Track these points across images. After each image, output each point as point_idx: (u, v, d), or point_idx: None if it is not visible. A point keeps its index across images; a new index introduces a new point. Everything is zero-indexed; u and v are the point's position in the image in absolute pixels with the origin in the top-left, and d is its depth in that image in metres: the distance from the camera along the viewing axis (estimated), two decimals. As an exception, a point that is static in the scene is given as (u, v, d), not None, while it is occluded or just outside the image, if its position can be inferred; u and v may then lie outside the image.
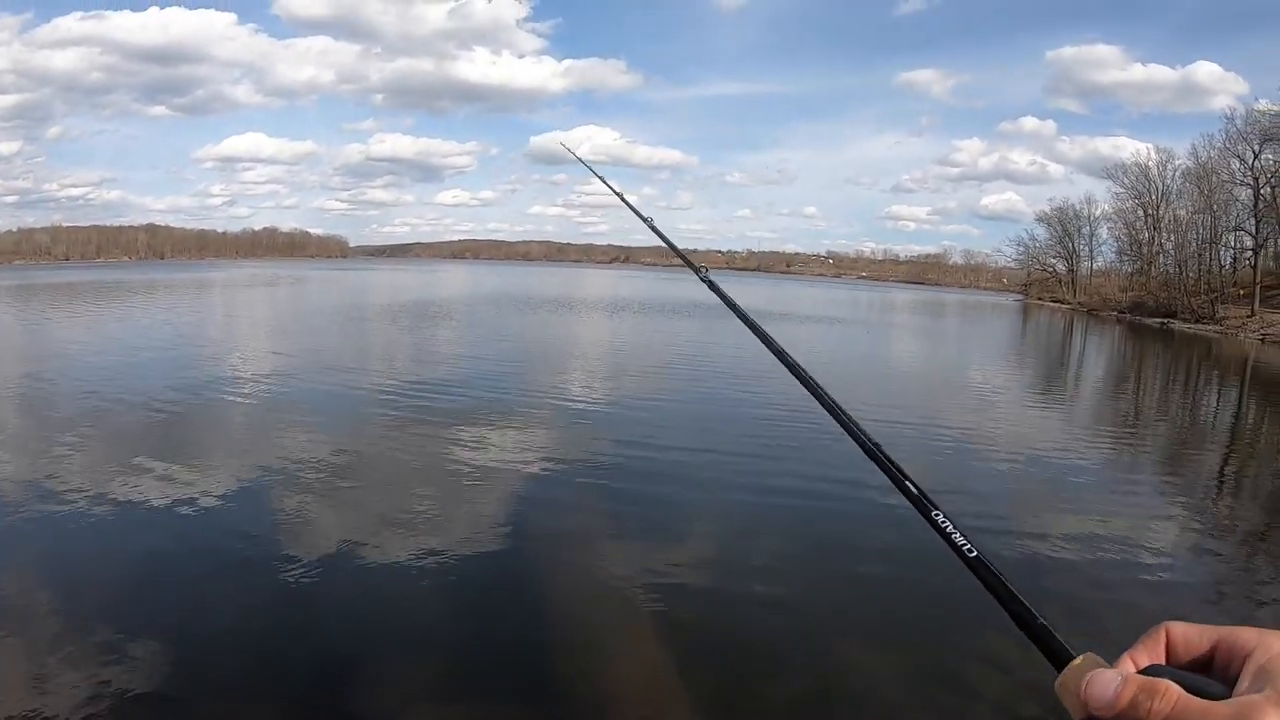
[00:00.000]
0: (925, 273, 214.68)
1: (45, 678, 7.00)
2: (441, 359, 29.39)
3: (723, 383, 23.98)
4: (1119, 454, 17.55)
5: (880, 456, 1.44)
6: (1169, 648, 0.95)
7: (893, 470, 1.40)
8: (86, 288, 76.55)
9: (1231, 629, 0.91)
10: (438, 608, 8.70)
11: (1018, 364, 37.01)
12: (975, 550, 1.19)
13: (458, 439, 15.63)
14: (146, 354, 28.46)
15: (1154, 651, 0.95)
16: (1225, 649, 0.90)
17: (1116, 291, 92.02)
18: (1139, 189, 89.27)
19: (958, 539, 1.22)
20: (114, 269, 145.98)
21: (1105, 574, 9.93)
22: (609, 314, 55.55)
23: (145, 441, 15.02)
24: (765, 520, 11.59)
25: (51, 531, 10.72)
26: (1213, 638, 0.92)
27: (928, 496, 1.31)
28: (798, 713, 6.87)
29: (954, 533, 1.24)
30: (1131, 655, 0.95)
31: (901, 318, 69.66)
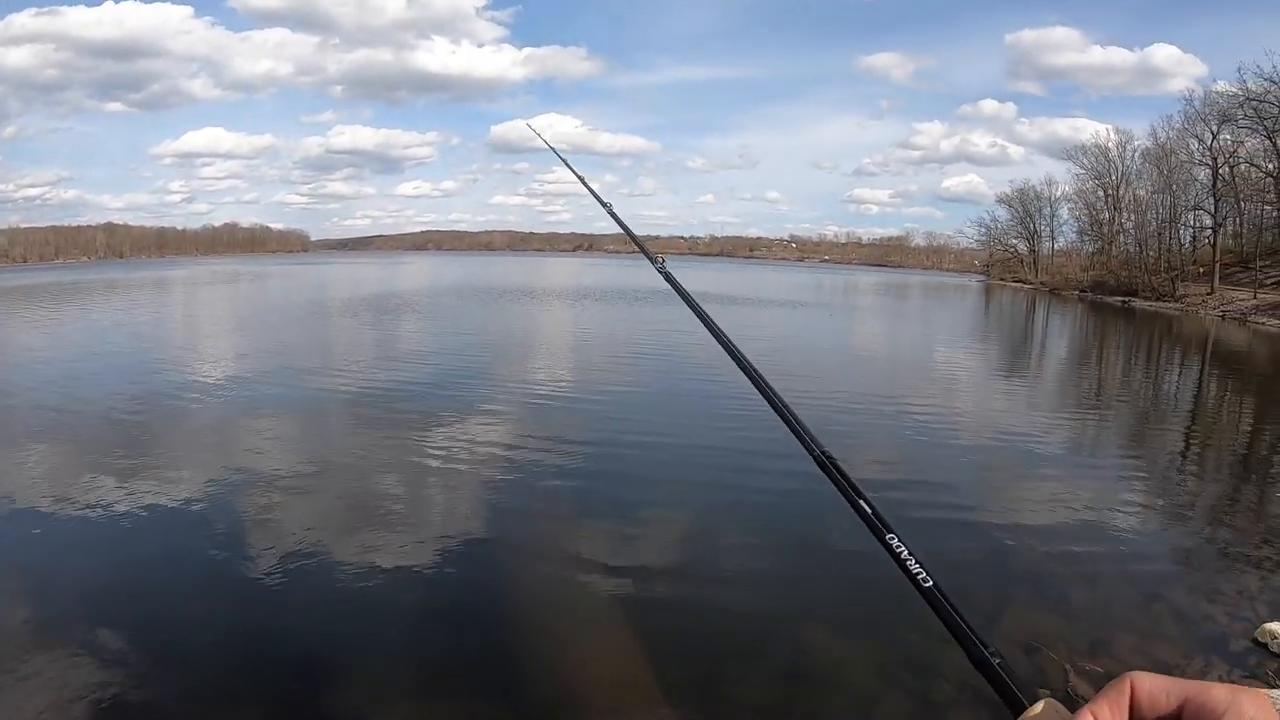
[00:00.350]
0: (888, 255, 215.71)
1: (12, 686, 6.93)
2: (404, 355, 29.13)
3: (689, 372, 23.91)
4: (1083, 432, 17.66)
5: (832, 469, 1.44)
6: (1134, 703, 0.89)
7: (845, 485, 1.39)
8: (43, 290, 75.65)
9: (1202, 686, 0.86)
10: (408, 606, 8.63)
11: (980, 344, 37.22)
12: (930, 579, 1.15)
13: (423, 437, 15.49)
14: (104, 358, 28.08)
15: (1117, 707, 0.89)
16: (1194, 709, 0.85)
17: (1078, 271, 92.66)
18: (1099, 170, 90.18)
19: (912, 566, 1.18)
20: (73, 270, 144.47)
21: (1071, 550, 10.03)
22: (572, 303, 55.38)
23: (106, 448, 14.80)
24: (734, 512, 11.59)
25: (15, 541, 10.60)
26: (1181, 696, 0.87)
27: (882, 516, 1.28)
28: (770, 703, 6.85)
29: (909, 558, 1.20)
30: (1093, 710, 0.89)
31: (865, 300, 70.02)
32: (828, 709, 6.74)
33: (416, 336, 35.02)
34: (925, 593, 1.15)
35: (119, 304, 56.80)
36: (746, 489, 12.38)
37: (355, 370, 24.57)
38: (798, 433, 1.53)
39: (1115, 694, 0.90)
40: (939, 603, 1.13)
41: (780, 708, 6.76)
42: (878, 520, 1.28)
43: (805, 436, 1.52)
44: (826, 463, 1.44)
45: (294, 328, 38.10)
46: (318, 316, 44.10)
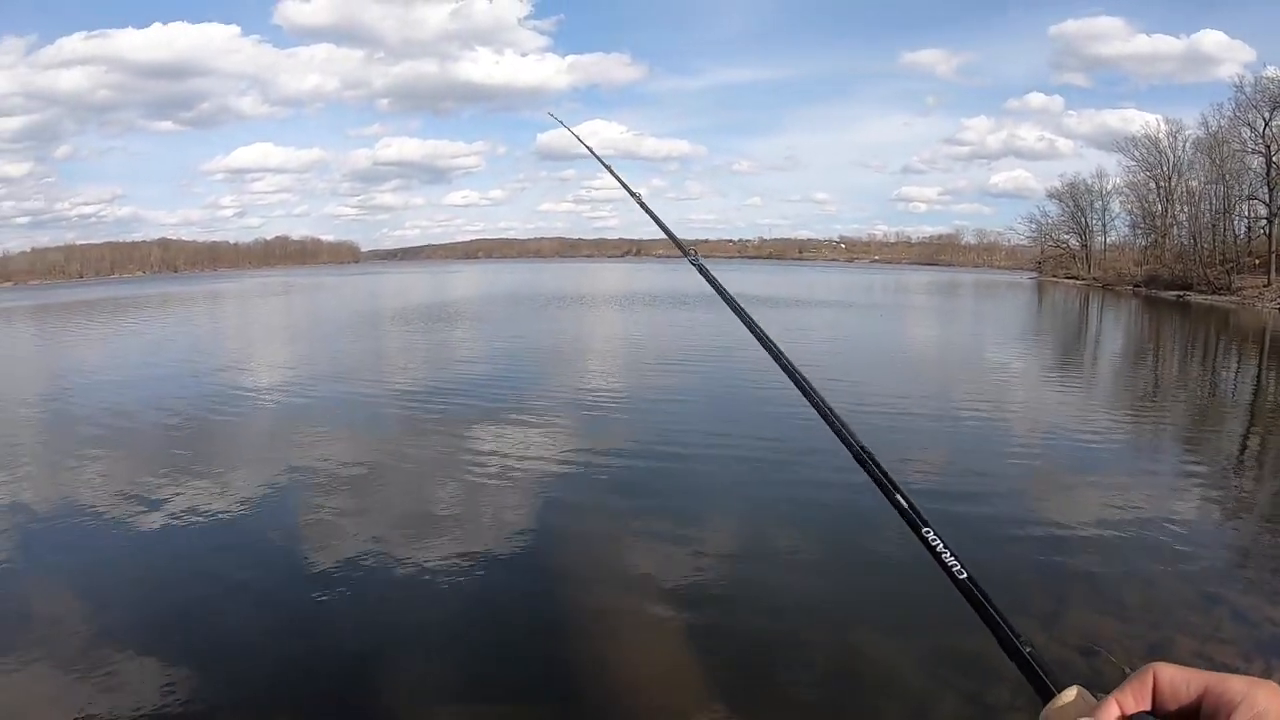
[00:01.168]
0: (938, 254, 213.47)
1: (72, 689, 7.06)
2: (456, 361, 29.37)
3: (737, 375, 23.83)
4: (1138, 430, 17.41)
5: (870, 464, 1.43)
6: (1156, 693, 0.93)
7: (883, 480, 1.39)
8: (103, 305, 76.90)
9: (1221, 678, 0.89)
10: (459, 610, 8.71)
11: (1033, 342, 36.76)
12: (965, 571, 1.17)
13: (475, 441, 15.67)
14: (162, 369, 28.63)
15: (1140, 695, 0.93)
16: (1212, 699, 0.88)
17: (1131, 265, 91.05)
18: (1150, 161, 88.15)
19: (947, 558, 1.20)
20: (128, 284, 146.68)
21: (1127, 550, 9.89)
22: (620, 308, 55.37)
23: (165, 455, 15.15)
24: (782, 512, 11.58)
25: (75, 545, 10.86)
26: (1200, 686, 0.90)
27: (918, 510, 1.29)
28: (819, 701, 6.84)
29: (944, 551, 1.21)
30: (1118, 698, 0.93)
31: (915, 300, 69.28)
32: (876, 708, 6.73)
33: (467, 344, 35.29)
34: (960, 585, 1.16)
35: (175, 317, 57.77)
36: (791, 490, 12.36)
37: (407, 378, 24.84)
38: (835, 428, 1.54)
39: (1139, 683, 0.93)
40: (973, 594, 1.15)
41: (829, 707, 6.76)
42: (914, 514, 1.29)
43: (843, 431, 1.52)
44: (865, 457, 1.45)
45: (346, 337, 38.56)
46: (370, 326, 44.51)
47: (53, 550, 10.80)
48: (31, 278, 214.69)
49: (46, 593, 9.34)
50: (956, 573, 1.18)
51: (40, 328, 55.38)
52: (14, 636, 8.18)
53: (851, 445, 1.48)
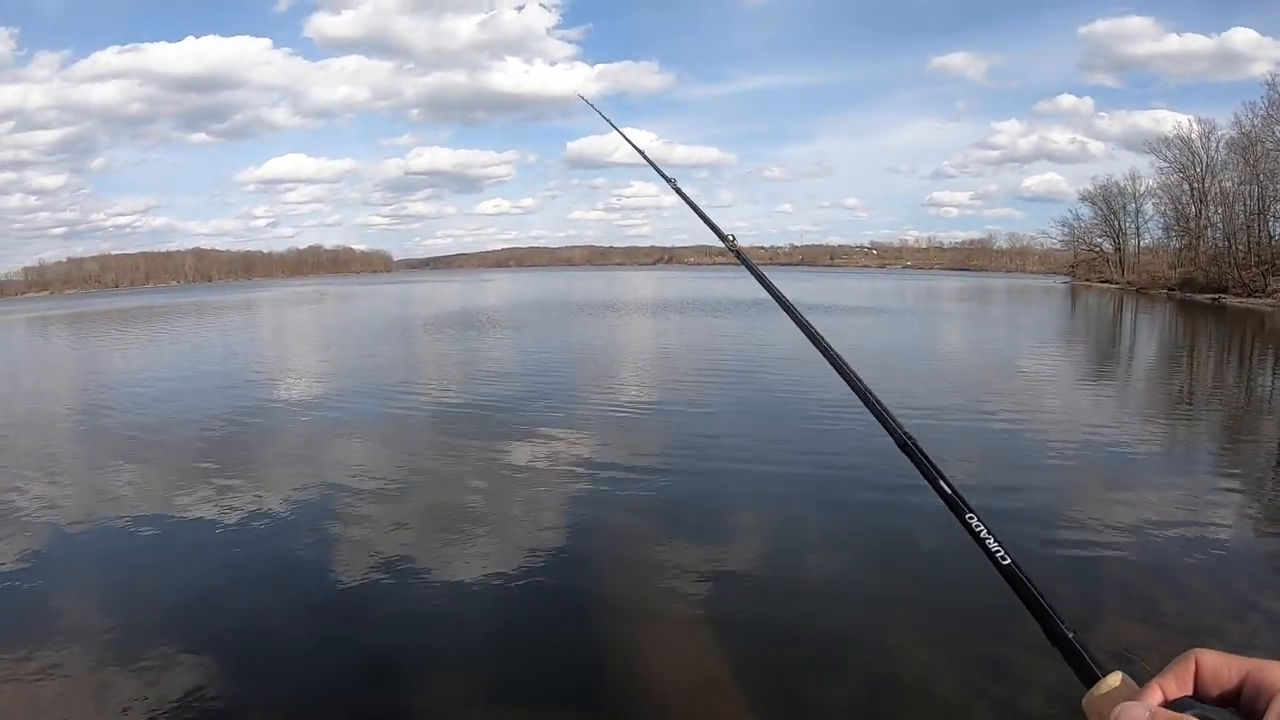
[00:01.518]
0: (971, 259, 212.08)
1: (109, 686, 7.22)
2: (487, 370, 29.50)
3: (767, 380, 23.98)
4: (1173, 436, 17.27)
5: (913, 450, 1.43)
6: (1198, 678, 0.93)
7: (926, 466, 1.38)
8: (137, 313, 77.77)
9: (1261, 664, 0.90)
10: (491, 614, 8.76)
11: (1066, 347, 36.45)
12: (1009, 557, 1.18)
13: (507, 448, 15.75)
14: (197, 376, 28.94)
15: (1182, 681, 0.93)
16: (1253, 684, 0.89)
17: (1165, 268, 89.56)
18: (1183, 162, 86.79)
19: (991, 544, 1.21)
20: (163, 294, 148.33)
21: (1162, 558, 9.82)
22: (652, 315, 55.40)
23: (200, 460, 15.37)
24: (815, 517, 11.60)
25: (114, 548, 11.10)
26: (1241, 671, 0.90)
27: (962, 497, 1.29)
28: (851, 709, 6.86)
29: (987, 537, 1.22)
30: (1160, 683, 0.94)
31: (948, 306, 68.89)
32: (908, 714, 6.75)
33: (499, 351, 35.43)
34: (1004, 570, 1.17)
35: (209, 325, 58.26)
36: (824, 495, 12.40)
37: (440, 385, 25.01)
38: (879, 414, 1.52)
39: (1181, 669, 0.94)
40: (1016, 579, 1.15)
41: (861, 713, 6.79)
42: (958, 500, 1.29)
43: (887, 418, 1.51)
44: (908, 444, 1.44)
45: (379, 345, 38.79)
46: (402, 333, 44.75)
47: (91, 553, 11.03)
48: (68, 287, 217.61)
49: (84, 593, 9.54)
50: (1000, 558, 1.18)
51: (77, 335, 56.03)
52: (53, 634, 8.35)
53: (895, 432, 1.48)
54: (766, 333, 37.95)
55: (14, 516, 12.49)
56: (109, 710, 6.86)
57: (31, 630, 8.49)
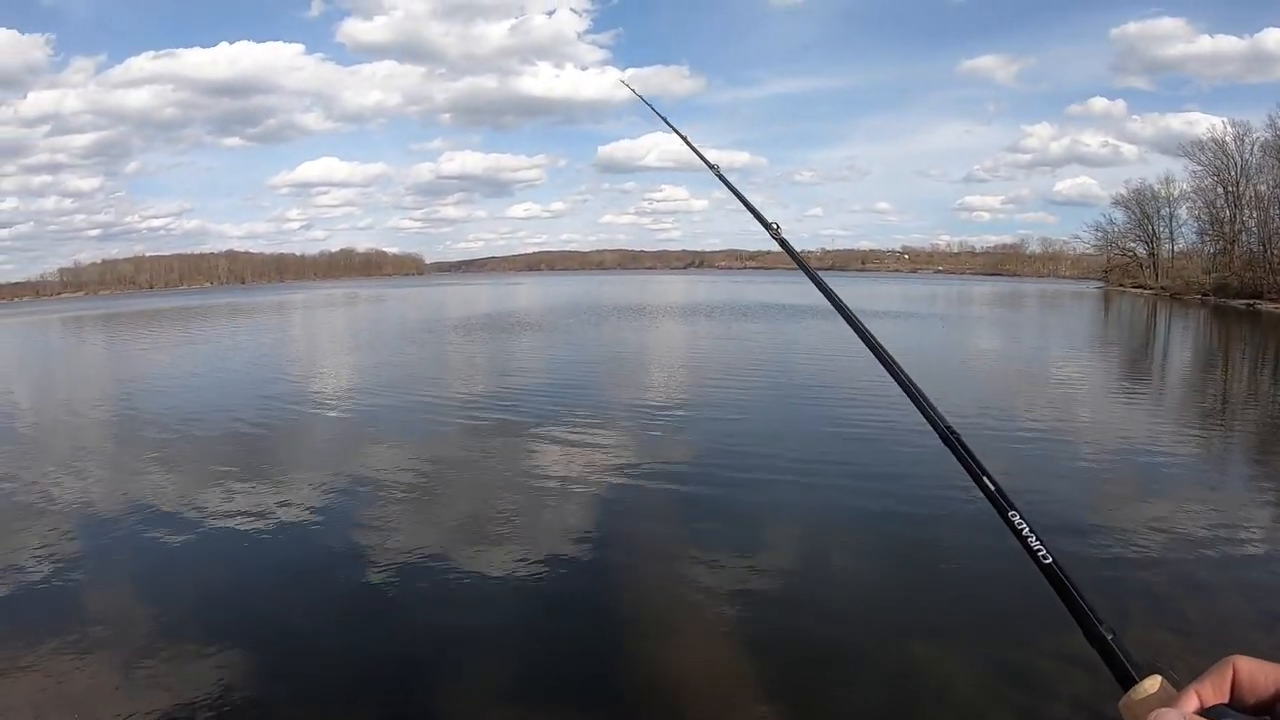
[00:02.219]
0: (1002, 263, 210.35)
1: (139, 680, 7.38)
2: (517, 371, 29.66)
3: (794, 385, 23.97)
4: (1206, 445, 17.10)
5: (957, 445, 1.42)
6: (1235, 685, 0.92)
7: (969, 461, 1.37)
8: (171, 314, 78.56)
9: None
10: (516, 615, 8.83)
11: (1098, 354, 36.14)
12: (1050, 556, 1.17)
13: (536, 449, 15.91)
14: (231, 375, 29.33)
15: (1219, 688, 0.92)
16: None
17: (1199, 274, 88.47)
18: (1217, 165, 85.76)
19: (1033, 543, 1.20)
20: (197, 295, 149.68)
21: (1193, 569, 9.73)
22: (682, 319, 55.33)
23: (231, 459, 15.58)
24: (844, 525, 11.57)
25: (146, 544, 11.25)
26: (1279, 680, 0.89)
27: (1005, 494, 1.28)
28: (876, 710, 6.88)
29: (1029, 536, 1.21)
30: (1197, 690, 0.92)
31: (979, 311, 68.44)
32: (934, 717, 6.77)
33: (528, 354, 35.59)
34: (1045, 569, 1.16)
35: (242, 326, 58.73)
36: (851, 499, 12.36)
37: (469, 387, 25.12)
38: (922, 407, 1.53)
39: (1218, 675, 0.92)
40: (1058, 579, 1.14)
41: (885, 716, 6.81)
42: (1001, 497, 1.28)
43: (930, 411, 1.51)
44: (951, 438, 1.43)
45: (410, 346, 39.09)
46: (433, 335, 44.88)
47: (124, 548, 11.20)
48: (102, 288, 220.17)
49: (116, 588, 9.68)
50: (1041, 557, 1.17)
51: (112, 335, 56.66)
52: (85, 627, 8.52)
53: (938, 425, 1.47)
54: (797, 335, 37.99)
55: (50, 513, 12.71)
56: (139, 702, 6.97)
57: (64, 623, 8.65)
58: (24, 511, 12.87)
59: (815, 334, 38.41)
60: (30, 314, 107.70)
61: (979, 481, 1.32)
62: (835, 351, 29.76)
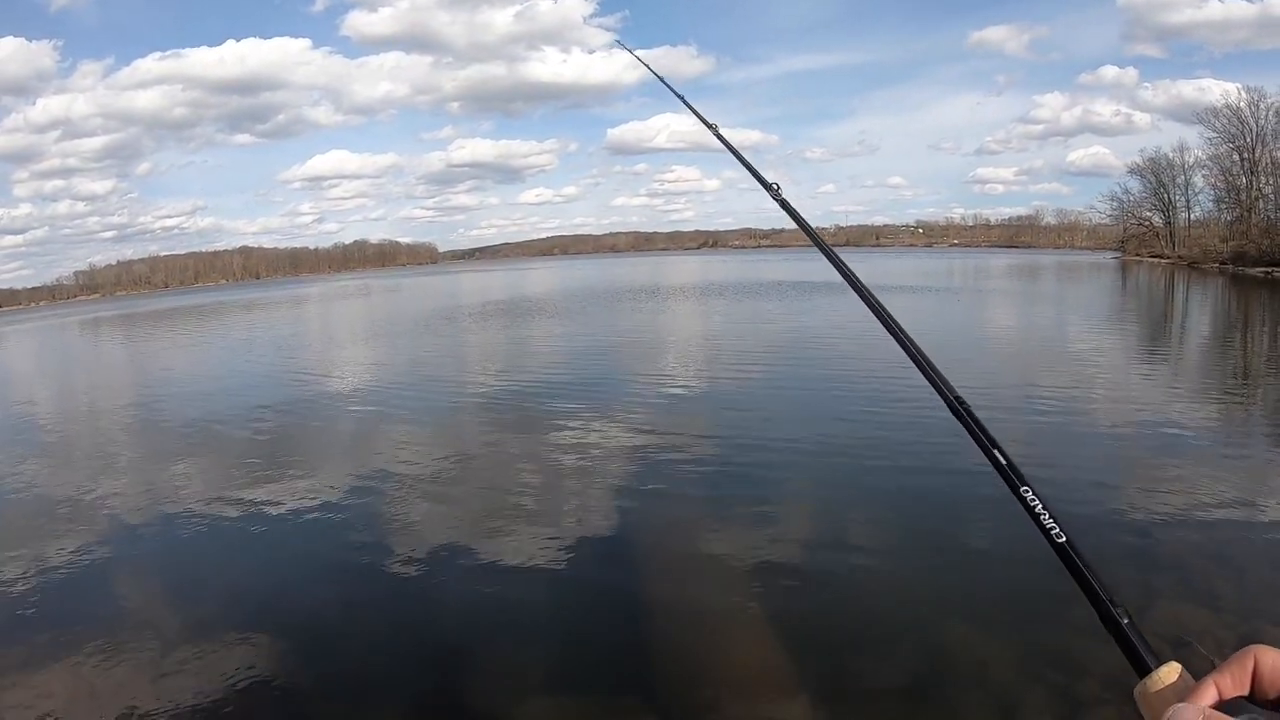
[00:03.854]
0: (1018, 236, 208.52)
1: (171, 672, 7.53)
2: (535, 356, 29.80)
3: (818, 365, 23.85)
4: (1227, 415, 16.98)
5: (965, 416, 1.38)
6: (1255, 677, 0.89)
7: (979, 433, 1.33)
8: (188, 312, 78.91)
9: None
10: (546, 600, 8.90)
11: (1115, 324, 35.85)
12: (1064, 535, 1.14)
13: (559, 434, 16.02)
14: (251, 370, 29.56)
15: (1240, 680, 0.90)
16: None
17: (1217, 242, 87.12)
18: (1232, 132, 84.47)
19: (1045, 520, 1.17)
20: (212, 292, 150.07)
21: (1217, 540, 9.73)
22: (697, 300, 55.13)
23: (255, 452, 15.78)
24: (869, 504, 11.62)
25: (175, 538, 11.50)
26: None
27: (1017, 469, 1.24)
28: (907, 695, 6.86)
29: (1043, 512, 1.17)
30: (1216, 680, 0.90)
31: (994, 284, 67.91)
32: (960, 704, 6.73)
33: (545, 338, 35.81)
34: (1058, 548, 1.13)
35: (259, 321, 58.91)
36: (876, 481, 12.41)
37: (488, 374, 25.29)
38: (930, 377, 1.48)
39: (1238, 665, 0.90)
40: (1071, 559, 1.11)
41: (913, 702, 6.81)
42: (1012, 472, 1.24)
43: (938, 381, 1.47)
44: (959, 409, 1.40)
45: (426, 335, 39.29)
46: (449, 323, 44.99)
47: (154, 543, 11.47)
48: (118, 289, 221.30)
49: (147, 582, 9.90)
50: (1055, 535, 1.14)
51: (130, 335, 56.95)
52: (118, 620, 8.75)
53: (946, 395, 1.44)
54: (812, 312, 37.86)
55: (80, 509, 12.94)
56: (171, 693, 7.11)
57: (97, 617, 8.83)
58: (57, 508, 13.15)
59: (830, 311, 38.24)
60: (47, 318, 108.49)
61: (989, 454, 1.29)
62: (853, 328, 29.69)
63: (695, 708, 6.86)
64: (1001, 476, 1.25)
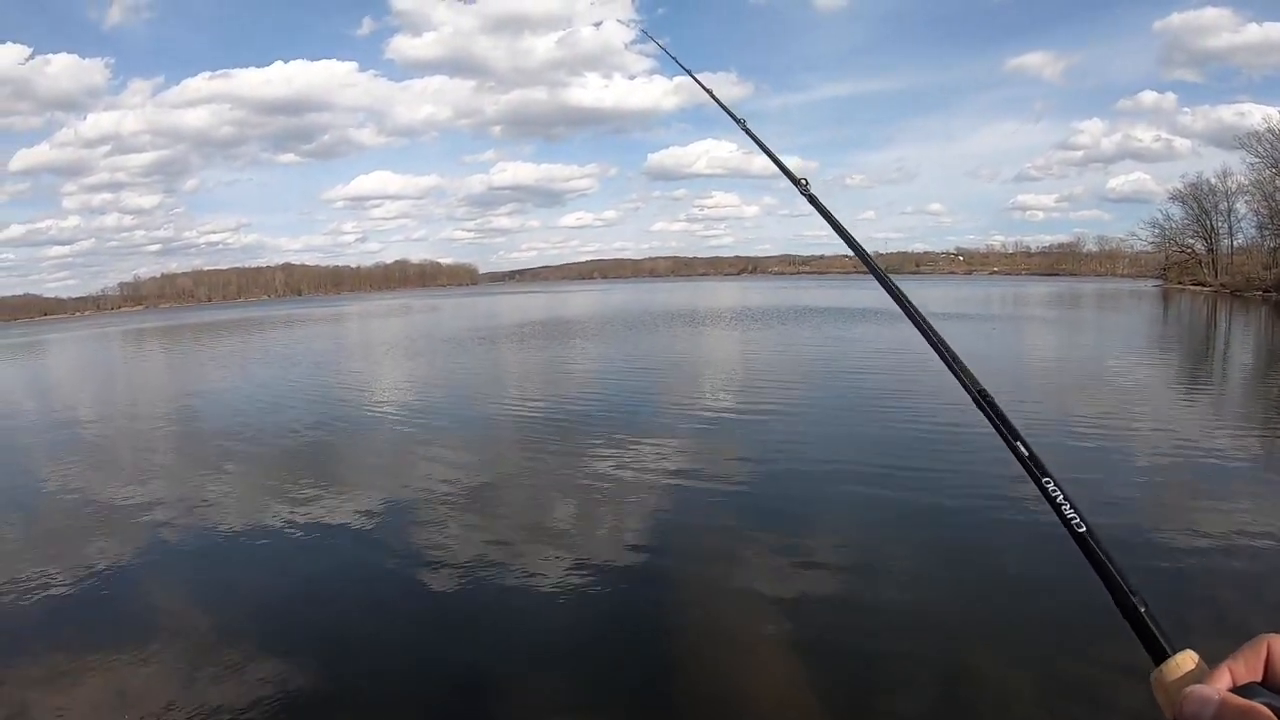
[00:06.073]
0: (1059, 263, 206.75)
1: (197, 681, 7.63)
2: (572, 377, 29.80)
3: (850, 390, 23.82)
4: (1269, 445, 16.82)
5: (989, 408, 1.39)
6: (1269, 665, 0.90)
7: (1002, 425, 1.33)
8: (230, 325, 79.80)
9: None
10: (572, 620, 8.94)
11: (1156, 354, 35.50)
12: (1084, 525, 1.15)
13: (592, 457, 16.00)
14: (289, 384, 29.87)
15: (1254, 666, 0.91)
16: None
17: (1260, 269, 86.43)
18: (1275, 156, 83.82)
19: (1066, 510, 1.18)
20: (255, 307, 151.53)
21: (1255, 574, 9.58)
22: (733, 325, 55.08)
23: (290, 467, 15.99)
24: (894, 529, 11.53)
25: (207, 549, 11.68)
26: None
27: (1039, 460, 1.25)
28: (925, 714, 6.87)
29: (1064, 504, 1.18)
30: (1230, 666, 0.91)
31: (1033, 311, 67.40)
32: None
33: (582, 361, 35.84)
34: (1079, 538, 1.14)
35: (299, 337, 59.57)
36: (904, 505, 12.30)
37: (524, 393, 25.57)
38: (954, 370, 1.49)
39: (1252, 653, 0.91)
40: (1091, 548, 1.12)
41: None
42: (1035, 463, 1.25)
43: (961, 374, 1.47)
44: (983, 402, 1.41)
45: (467, 354, 39.54)
46: (487, 343, 45.20)
47: (186, 553, 11.65)
48: (162, 301, 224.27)
49: (177, 591, 10.04)
50: (1076, 526, 1.15)
51: (171, 347, 57.69)
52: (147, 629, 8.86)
53: (970, 388, 1.44)
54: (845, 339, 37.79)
55: (116, 518, 13.16)
56: (195, 702, 7.20)
57: (127, 625, 8.99)
58: (94, 517, 13.37)
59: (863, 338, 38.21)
60: (92, 328, 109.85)
61: (1012, 446, 1.29)
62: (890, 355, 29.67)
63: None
64: (1024, 468, 1.25)
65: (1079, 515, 1.16)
